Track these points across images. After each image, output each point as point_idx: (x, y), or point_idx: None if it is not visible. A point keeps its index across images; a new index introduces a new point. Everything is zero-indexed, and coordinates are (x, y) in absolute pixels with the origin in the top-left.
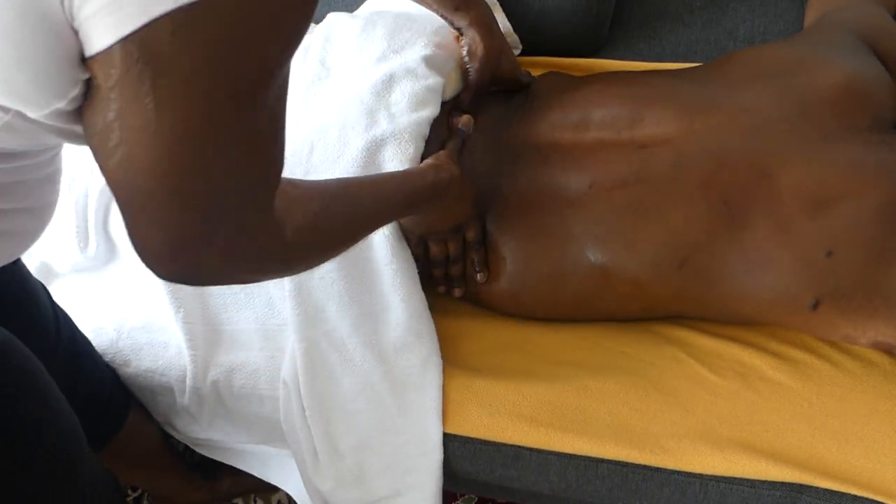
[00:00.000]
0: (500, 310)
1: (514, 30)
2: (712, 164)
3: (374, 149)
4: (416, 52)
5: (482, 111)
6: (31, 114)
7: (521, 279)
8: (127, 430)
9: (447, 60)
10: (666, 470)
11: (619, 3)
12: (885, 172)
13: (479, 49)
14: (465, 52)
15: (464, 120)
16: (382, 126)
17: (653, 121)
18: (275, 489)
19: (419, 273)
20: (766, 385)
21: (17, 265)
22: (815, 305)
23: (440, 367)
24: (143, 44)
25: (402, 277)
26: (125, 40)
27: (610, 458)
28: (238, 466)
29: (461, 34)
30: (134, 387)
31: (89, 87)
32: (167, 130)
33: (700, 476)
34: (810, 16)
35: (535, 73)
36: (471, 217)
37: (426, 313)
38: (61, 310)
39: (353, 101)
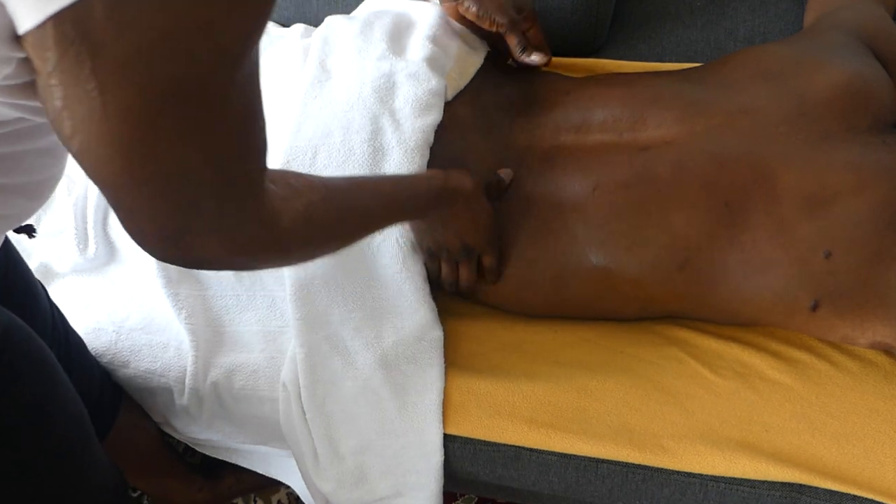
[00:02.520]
0: (501, 308)
1: None
2: (713, 166)
3: (380, 157)
4: (416, 54)
5: (480, 111)
6: None
7: (525, 280)
8: (121, 432)
9: (447, 59)
10: (666, 470)
11: (618, 3)
12: (883, 173)
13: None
14: (474, 11)
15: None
16: (387, 133)
17: (654, 122)
18: (275, 489)
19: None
20: (766, 385)
21: (18, 260)
22: (815, 306)
23: (441, 369)
24: (77, 23)
25: (410, 284)
26: (57, 18)
27: (610, 458)
28: (240, 464)
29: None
30: (132, 388)
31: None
32: (115, 119)
33: (700, 476)
34: (810, 16)
35: (535, 73)
36: (485, 245)
37: (436, 322)
38: (57, 308)
39: (356, 104)
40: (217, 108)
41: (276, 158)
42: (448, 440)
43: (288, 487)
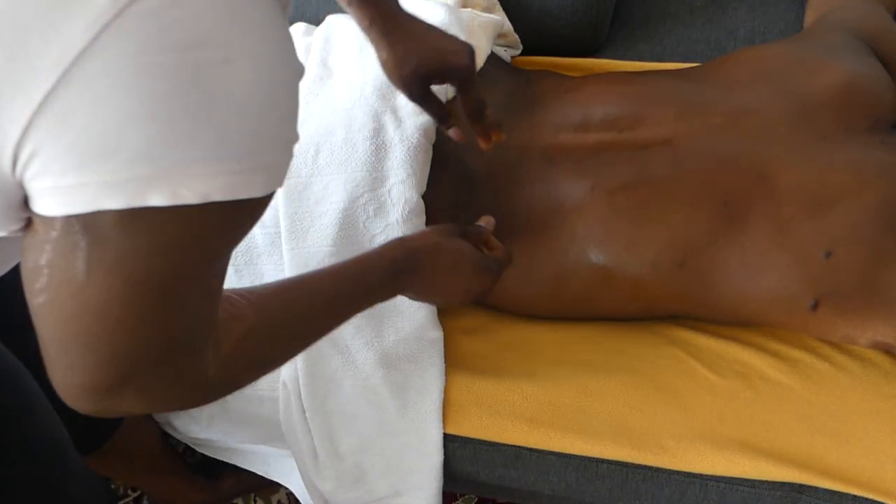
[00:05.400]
0: (502, 308)
1: (515, 30)
2: (712, 165)
3: (383, 154)
4: None
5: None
6: None
7: (525, 280)
8: (125, 431)
9: None
10: (666, 470)
11: (618, 2)
12: (883, 173)
13: (388, 57)
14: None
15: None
16: (389, 131)
17: (653, 121)
18: (275, 489)
19: None
20: (767, 385)
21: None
22: (815, 306)
23: (441, 369)
24: (86, 221)
25: None
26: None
27: (610, 458)
28: (239, 465)
29: None
30: None
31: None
32: (91, 294)
33: (700, 476)
34: (810, 16)
35: (534, 73)
36: (486, 288)
37: (435, 321)
38: None
39: (358, 102)
40: (189, 296)
41: None
42: (448, 440)
43: (287, 488)
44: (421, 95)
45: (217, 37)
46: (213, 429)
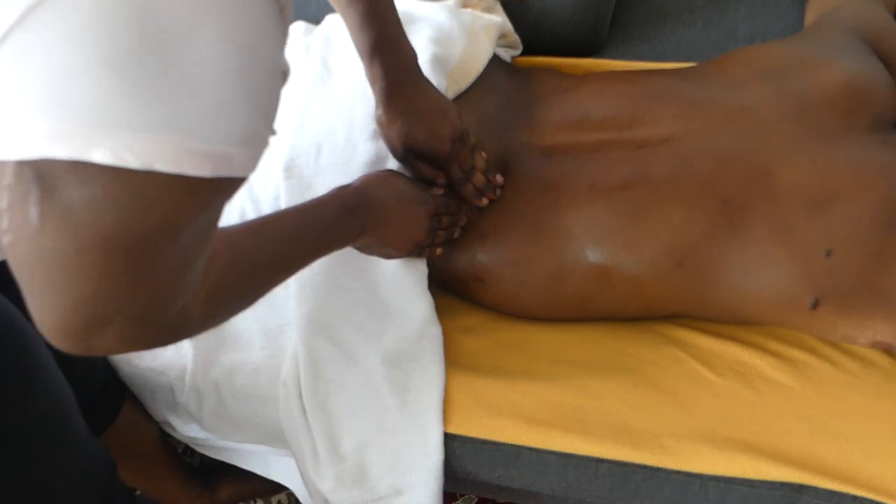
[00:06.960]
0: (500, 310)
1: (515, 30)
2: (712, 164)
3: (384, 153)
4: (419, 54)
5: (482, 113)
6: None
7: (522, 279)
8: (122, 426)
9: (450, 60)
10: (666, 470)
11: (619, 3)
12: (884, 172)
13: (381, 115)
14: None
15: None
16: None
17: (652, 120)
18: (274, 492)
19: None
20: (766, 385)
21: None
22: (815, 305)
23: (442, 367)
24: (36, 168)
25: (411, 281)
26: (20, 162)
27: (610, 457)
28: (239, 465)
29: None
30: (133, 386)
31: None
32: (47, 241)
33: (700, 476)
34: (810, 15)
35: (535, 71)
36: (425, 234)
37: (434, 317)
38: None
39: (359, 102)
40: (151, 258)
41: (280, 155)
42: (448, 439)
43: (288, 489)
44: (402, 158)
45: (183, 6)
46: (213, 428)
